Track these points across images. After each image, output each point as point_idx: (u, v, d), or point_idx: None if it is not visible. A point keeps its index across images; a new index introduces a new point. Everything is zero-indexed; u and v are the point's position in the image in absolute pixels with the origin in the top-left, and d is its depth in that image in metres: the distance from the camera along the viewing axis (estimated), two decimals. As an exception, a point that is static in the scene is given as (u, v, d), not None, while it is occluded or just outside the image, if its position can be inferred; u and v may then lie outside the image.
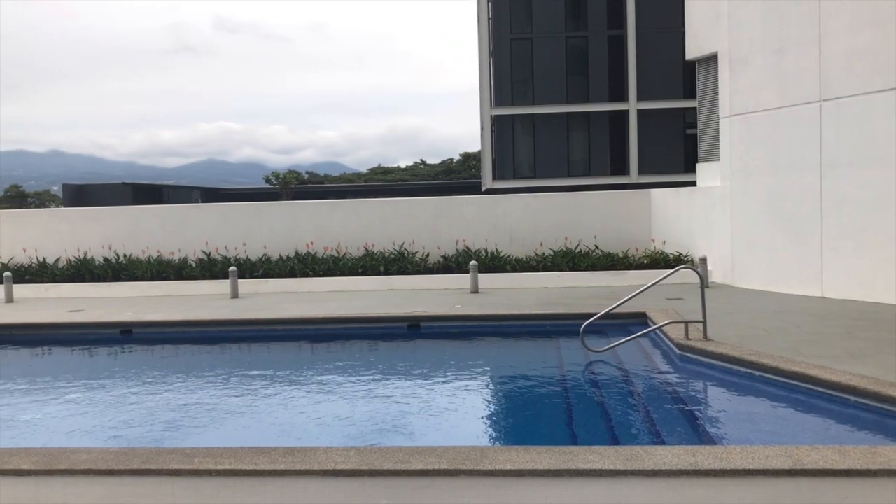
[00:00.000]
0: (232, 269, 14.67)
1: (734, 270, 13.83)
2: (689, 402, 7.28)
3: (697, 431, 6.40)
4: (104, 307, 13.41)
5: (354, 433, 6.52)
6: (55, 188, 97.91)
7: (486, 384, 8.78)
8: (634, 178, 38.09)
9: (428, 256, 16.32)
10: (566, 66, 38.92)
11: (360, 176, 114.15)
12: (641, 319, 10.56)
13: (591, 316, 9.10)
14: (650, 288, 9.07)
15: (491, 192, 37.66)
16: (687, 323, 8.95)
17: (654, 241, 16.36)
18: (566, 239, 16.43)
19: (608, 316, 9.12)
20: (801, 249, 12.38)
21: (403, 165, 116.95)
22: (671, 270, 9.17)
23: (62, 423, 7.19)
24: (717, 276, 14.29)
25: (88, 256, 16.91)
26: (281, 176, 76.55)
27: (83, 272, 16.28)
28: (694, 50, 15.39)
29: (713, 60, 14.65)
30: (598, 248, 16.14)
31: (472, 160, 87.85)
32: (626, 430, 6.56)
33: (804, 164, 12.24)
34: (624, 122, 38.84)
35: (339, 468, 4.68)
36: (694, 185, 16.58)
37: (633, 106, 38.42)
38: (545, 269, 15.29)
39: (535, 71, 38.92)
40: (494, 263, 15.53)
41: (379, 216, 17.13)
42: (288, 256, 16.48)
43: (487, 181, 41.15)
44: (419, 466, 4.65)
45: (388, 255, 16.26)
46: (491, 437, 6.73)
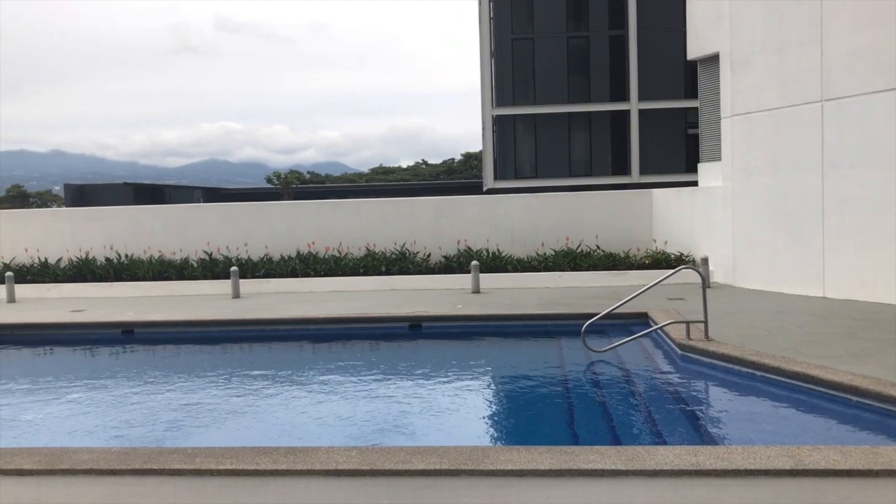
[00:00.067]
0: (233, 269, 14.68)
1: (736, 270, 13.82)
2: (690, 402, 7.28)
3: (699, 431, 6.40)
4: (106, 307, 13.43)
5: (356, 433, 6.52)
6: (57, 188, 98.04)
7: (487, 384, 8.78)
8: (636, 178, 38.07)
9: (429, 256, 16.33)
10: (567, 66, 38.90)
11: (361, 176, 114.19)
12: (643, 319, 10.56)
13: (592, 316, 9.10)
14: (652, 288, 9.07)
15: (492, 192, 37.65)
16: (688, 323, 8.95)
17: (655, 241, 16.36)
18: (567, 239, 16.43)
19: (610, 316, 9.13)
20: (802, 249, 12.37)
21: (405, 165, 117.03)
22: (673, 270, 9.16)
23: (64, 422, 7.20)
24: (718, 276, 14.29)
25: (90, 256, 16.93)
26: (282, 176, 76.59)
27: (85, 272, 16.30)
28: (695, 50, 15.39)
29: (715, 60, 14.65)
30: (599, 248, 16.14)
31: (473, 160, 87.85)
32: (627, 430, 6.56)
33: (806, 164, 12.23)
34: (625, 122, 38.82)
35: (340, 468, 4.68)
36: (695, 185, 16.58)
37: (634, 106, 38.39)
38: (546, 269, 15.30)
39: (536, 71, 38.90)
40: (496, 263, 15.53)
41: (380, 216, 17.14)
42: (289, 256, 16.49)
43: (489, 181, 41.15)
44: (421, 466, 4.65)
45: (389, 255, 16.26)
46: (492, 437, 6.73)
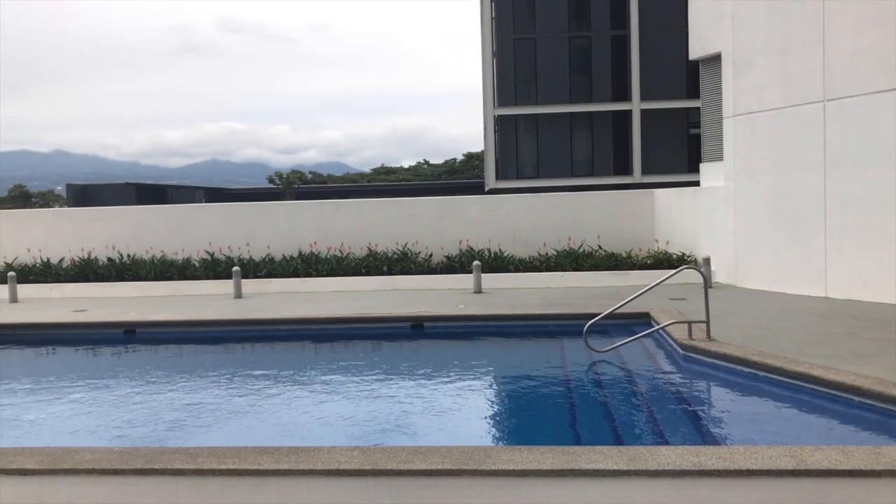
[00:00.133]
0: (235, 269, 14.69)
1: (738, 270, 13.81)
2: (692, 402, 7.27)
3: (701, 432, 6.39)
4: (108, 307, 13.45)
5: (358, 433, 6.52)
6: (59, 188, 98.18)
7: (489, 384, 8.78)
8: (638, 178, 38.05)
9: (431, 256, 16.33)
10: (569, 66, 38.88)
11: (363, 176, 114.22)
12: (645, 319, 10.55)
13: (594, 316, 9.09)
14: (653, 288, 9.06)
15: (494, 192, 37.64)
16: (690, 323, 8.93)
17: (657, 241, 16.35)
18: (569, 239, 16.42)
19: (611, 316, 9.12)
20: (804, 249, 12.36)
21: (407, 165, 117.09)
22: (674, 270, 9.15)
23: (66, 422, 7.20)
24: (720, 276, 14.28)
25: (92, 256, 16.95)
26: (284, 176, 76.61)
27: (87, 272, 16.32)
28: (697, 50, 15.38)
29: (717, 60, 14.63)
30: (601, 248, 16.13)
31: (475, 160, 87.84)
32: (629, 430, 6.56)
33: (808, 164, 12.22)
34: (627, 122, 38.80)
35: (342, 468, 4.68)
36: (697, 185, 16.57)
37: (636, 106, 38.37)
38: (548, 269, 15.29)
39: (538, 71, 38.89)
40: (498, 263, 15.53)
41: (382, 216, 17.14)
42: (291, 256, 16.50)
43: (491, 181, 41.15)
44: (422, 466, 4.64)
45: (391, 255, 16.27)
46: (494, 437, 6.72)
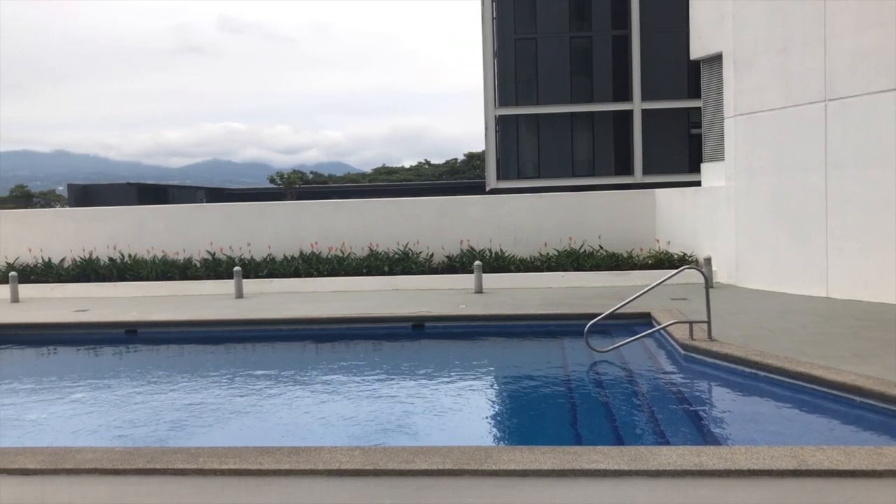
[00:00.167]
0: (236, 269, 14.70)
1: (739, 270, 13.81)
2: (693, 402, 7.27)
3: (702, 432, 6.39)
4: (109, 307, 13.46)
5: (359, 433, 6.52)
6: (60, 188, 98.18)
7: (490, 384, 8.78)
8: (639, 178, 38.03)
9: (432, 256, 16.33)
10: (570, 66, 38.86)
11: (364, 176, 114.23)
12: (646, 319, 10.55)
13: (595, 316, 9.09)
14: (654, 288, 9.06)
15: (495, 192, 37.64)
16: (691, 323, 8.93)
17: (658, 241, 16.34)
18: (570, 239, 16.42)
19: (612, 316, 9.12)
20: (805, 249, 12.35)
21: (408, 165, 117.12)
22: (676, 271, 9.15)
23: (67, 422, 7.21)
24: (721, 276, 14.27)
25: (93, 256, 16.96)
26: (285, 176, 76.64)
27: (88, 272, 16.33)
28: (698, 50, 15.37)
29: (718, 60, 14.63)
30: (602, 248, 16.13)
31: (476, 160, 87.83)
32: (630, 430, 6.56)
33: (809, 164, 12.22)
34: (628, 122, 38.79)
35: (343, 468, 4.68)
36: (698, 185, 16.56)
37: (637, 106, 38.34)
38: (549, 269, 15.30)
39: (539, 71, 38.87)
40: (499, 263, 15.53)
41: (383, 216, 17.14)
42: (292, 256, 16.50)
43: (492, 181, 41.13)
44: (423, 466, 4.64)
45: (392, 255, 16.27)
46: (495, 437, 6.73)
